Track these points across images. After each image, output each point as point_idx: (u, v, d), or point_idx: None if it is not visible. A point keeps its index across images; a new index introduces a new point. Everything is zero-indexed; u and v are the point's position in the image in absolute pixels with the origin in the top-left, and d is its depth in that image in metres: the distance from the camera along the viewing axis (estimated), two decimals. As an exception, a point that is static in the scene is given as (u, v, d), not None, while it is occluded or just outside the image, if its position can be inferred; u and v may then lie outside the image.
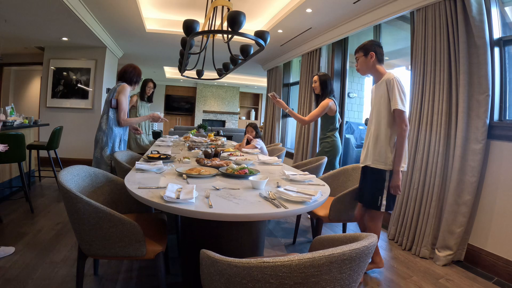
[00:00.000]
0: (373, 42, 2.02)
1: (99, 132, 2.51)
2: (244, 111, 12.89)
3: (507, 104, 2.30)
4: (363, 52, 2.01)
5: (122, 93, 2.49)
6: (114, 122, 2.51)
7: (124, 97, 2.50)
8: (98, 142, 2.50)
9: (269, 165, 2.37)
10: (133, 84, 2.66)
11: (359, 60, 2.06)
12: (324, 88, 2.93)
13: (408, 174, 2.66)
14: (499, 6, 2.28)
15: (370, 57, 1.99)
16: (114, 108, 2.50)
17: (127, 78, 2.62)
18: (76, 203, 1.29)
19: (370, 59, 1.99)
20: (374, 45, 2.00)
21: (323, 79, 2.95)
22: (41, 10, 3.64)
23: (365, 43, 2.04)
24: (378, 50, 1.99)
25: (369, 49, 1.99)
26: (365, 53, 2.00)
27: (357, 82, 5.02)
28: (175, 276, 1.94)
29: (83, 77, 5.48)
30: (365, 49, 2.00)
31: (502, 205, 2.17)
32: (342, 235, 1.08)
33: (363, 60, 2.02)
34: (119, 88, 2.50)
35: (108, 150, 2.49)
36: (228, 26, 1.77)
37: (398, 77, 1.90)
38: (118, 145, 2.59)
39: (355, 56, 2.11)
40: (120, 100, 2.48)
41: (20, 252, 2.10)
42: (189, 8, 4.33)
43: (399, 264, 2.30)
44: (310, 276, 0.77)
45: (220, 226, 1.51)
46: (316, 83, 2.98)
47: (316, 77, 3.00)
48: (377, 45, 2.01)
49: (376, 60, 1.99)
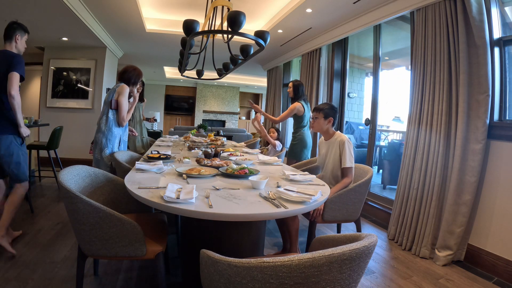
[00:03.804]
0: (333, 108, 2.29)
1: (98, 133, 2.50)
2: (244, 111, 12.89)
3: (507, 104, 2.29)
4: (324, 114, 2.27)
5: (121, 94, 2.47)
6: (114, 123, 2.50)
7: (124, 98, 2.48)
8: (98, 144, 2.49)
9: (269, 165, 2.37)
10: (131, 84, 2.64)
11: (317, 120, 2.30)
12: (296, 93, 3.33)
13: (408, 174, 2.67)
14: (499, 6, 2.28)
15: (328, 121, 2.27)
16: (114, 109, 2.49)
17: (126, 78, 2.61)
18: (76, 203, 1.29)
19: (328, 123, 2.28)
20: (333, 110, 2.28)
21: (296, 85, 3.35)
22: (41, 10, 3.64)
23: (326, 107, 2.28)
24: (335, 116, 2.29)
25: (329, 115, 2.26)
26: (325, 117, 2.27)
27: (357, 82, 5.02)
28: (175, 276, 1.94)
29: (83, 77, 5.48)
30: (326, 114, 2.27)
31: (502, 205, 2.17)
32: (342, 235, 1.08)
33: (322, 121, 2.28)
34: (118, 89, 2.49)
35: (107, 151, 2.47)
36: (228, 26, 1.77)
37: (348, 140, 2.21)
38: (118, 145, 2.57)
39: (312, 114, 2.37)
40: (120, 101, 2.46)
41: (20, 252, 2.10)
42: (189, 8, 4.33)
43: (399, 264, 2.30)
44: (310, 276, 0.77)
45: (220, 226, 1.51)
46: (291, 89, 3.38)
47: (291, 83, 3.40)
48: (336, 111, 2.31)
49: (331, 124, 2.29)
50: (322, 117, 2.28)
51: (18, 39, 2.18)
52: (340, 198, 2.03)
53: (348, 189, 2.05)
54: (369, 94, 3.74)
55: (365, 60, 4.90)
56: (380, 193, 3.60)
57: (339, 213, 2.06)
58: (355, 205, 2.12)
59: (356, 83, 5.00)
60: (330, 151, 2.28)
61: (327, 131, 2.32)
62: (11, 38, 2.16)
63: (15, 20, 2.23)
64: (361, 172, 2.30)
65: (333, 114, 2.28)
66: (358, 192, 2.08)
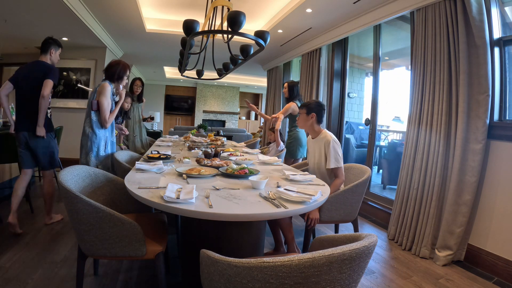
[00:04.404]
0: (318, 104, 2.24)
1: (83, 136, 2.39)
2: (244, 111, 12.89)
3: (507, 104, 2.30)
4: (306, 110, 2.24)
5: (102, 93, 2.35)
6: (97, 125, 2.39)
7: (104, 97, 2.35)
8: (83, 147, 2.38)
9: (269, 165, 2.37)
10: (115, 80, 2.49)
11: (300, 116, 2.29)
12: (291, 93, 3.48)
13: (408, 174, 2.67)
14: (499, 6, 2.28)
15: (310, 117, 2.22)
16: (95, 111, 2.37)
17: (109, 74, 2.47)
18: (76, 203, 1.29)
19: (310, 118, 2.22)
20: (317, 106, 2.23)
21: (291, 85, 3.49)
22: (41, 10, 3.64)
23: (310, 102, 2.26)
24: (319, 112, 2.23)
25: (312, 110, 2.22)
26: (307, 112, 2.23)
27: (357, 82, 5.02)
28: (175, 276, 1.94)
29: (83, 77, 5.48)
30: (309, 109, 2.23)
31: (502, 205, 2.17)
32: (342, 235, 1.08)
33: (304, 117, 2.25)
34: (99, 89, 2.38)
35: (92, 155, 2.36)
36: (228, 26, 1.77)
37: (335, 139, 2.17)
38: (104, 148, 2.45)
39: (299, 111, 2.34)
40: (101, 101, 2.34)
41: (20, 252, 2.10)
42: (189, 8, 4.33)
43: (399, 264, 2.30)
44: (310, 276, 0.77)
45: (220, 226, 1.51)
46: (286, 89, 3.52)
47: (286, 84, 3.53)
48: (321, 107, 2.24)
49: (315, 121, 2.23)
50: (304, 112, 2.24)
51: (53, 53, 2.61)
52: (337, 198, 2.02)
53: (345, 189, 2.04)
54: (369, 94, 3.74)
55: (365, 60, 4.90)
56: (380, 193, 3.61)
57: (336, 213, 2.05)
58: (353, 205, 2.10)
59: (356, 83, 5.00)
60: (316, 150, 2.25)
61: (312, 128, 2.26)
62: (47, 51, 2.56)
63: (51, 36, 2.65)
64: (358, 172, 2.29)
65: (317, 110, 2.21)
66: (355, 192, 2.07)
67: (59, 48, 2.66)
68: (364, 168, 2.25)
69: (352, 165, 2.41)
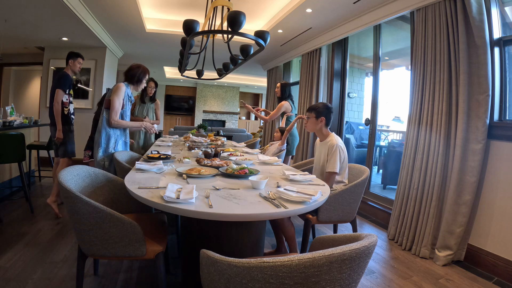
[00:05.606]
0: (326, 107, 2.25)
1: (97, 133, 2.43)
2: (244, 111, 12.88)
3: (507, 104, 2.30)
4: (315, 114, 2.24)
5: (115, 93, 2.37)
6: (107, 123, 2.40)
7: (116, 97, 2.36)
8: (95, 143, 2.41)
9: (269, 165, 2.37)
10: (135, 82, 2.53)
11: (309, 120, 2.29)
12: (283, 92, 3.64)
13: (408, 174, 2.67)
14: (499, 6, 2.28)
15: (320, 121, 2.24)
16: (106, 108, 2.39)
17: (129, 76, 2.52)
18: (76, 203, 1.29)
19: (320, 122, 2.24)
20: (326, 110, 2.24)
21: (283, 85, 3.67)
22: (41, 10, 3.64)
23: (319, 106, 2.26)
24: (328, 116, 2.24)
25: (321, 114, 2.23)
26: (317, 116, 2.24)
27: (357, 82, 5.02)
28: (175, 276, 1.94)
29: (83, 77, 5.48)
30: (318, 113, 2.24)
31: (502, 205, 2.17)
32: (342, 235, 1.08)
33: (313, 121, 2.26)
34: (114, 88, 2.41)
35: (100, 151, 2.37)
36: (228, 26, 1.77)
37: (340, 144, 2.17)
38: (114, 146, 2.45)
39: (306, 114, 2.34)
40: (112, 100, 2.35)
41: (20, 252, 2.10)
42: (189, 8, 4.33)
43: (399, 264, 2.30)
44: (310, 276, 0.77)
45: (220, 226, 1.51)
46: (278, 89, 3.68)
47: (279, 84, 3.70)
48: (329, 110, 2.25)
49: (324, 124, 2.25)
50: (313, 116, 2.25)
51: (71, 63, 3.15)
52: (335, 198, 2.01)
53: (344, 189, 2.03)
54: (369, 94, 3.74)
55: (365, 60, 4.90)
56: (380, 193, 3.60)
57: (334, 214, 2.04)
58: (351, 206, 2.10)
59: (356, 83, 4.99)
60: (321, 153, 2.25)
61: (321, 131, 2.28)
62: (66, 63, 3.16)
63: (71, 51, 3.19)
64: (357, 172, 2.29)
65: (326, 113, 2.24)
66: (354, 192, 2.06)
67: (77, 57, 3.17)
68: (363, 168, 2.25)
69: (351, 165, 2.41)
